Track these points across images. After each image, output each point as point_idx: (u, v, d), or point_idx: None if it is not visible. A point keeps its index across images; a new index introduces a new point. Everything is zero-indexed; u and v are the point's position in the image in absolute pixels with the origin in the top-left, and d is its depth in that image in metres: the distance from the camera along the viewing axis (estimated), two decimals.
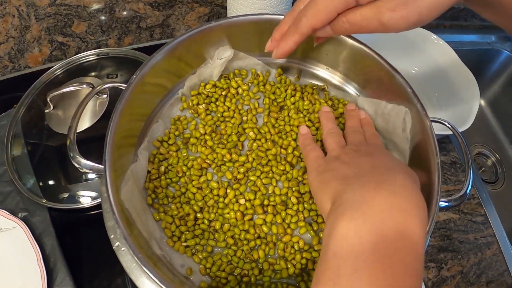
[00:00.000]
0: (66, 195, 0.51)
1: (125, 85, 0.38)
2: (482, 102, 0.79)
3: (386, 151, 0.37)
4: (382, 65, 0.42)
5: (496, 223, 0.56)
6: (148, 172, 0.41)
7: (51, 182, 0.53)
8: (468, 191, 0.39)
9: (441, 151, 0.59)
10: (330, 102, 0.46)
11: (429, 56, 0.59)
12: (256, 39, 0.46)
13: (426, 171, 0.37)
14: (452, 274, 0.51)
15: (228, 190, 0.40)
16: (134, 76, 0.39)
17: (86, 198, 0.50)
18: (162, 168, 0.41)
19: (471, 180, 0.39)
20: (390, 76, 0.41)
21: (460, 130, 0.51)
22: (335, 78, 0.48)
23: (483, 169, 0.74)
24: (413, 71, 0.62)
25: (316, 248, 0.38)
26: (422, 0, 0.28)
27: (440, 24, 0.75)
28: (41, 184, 0.52)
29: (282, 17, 0.42)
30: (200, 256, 0.38)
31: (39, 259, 0.46)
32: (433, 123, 0.41)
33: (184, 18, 0.61)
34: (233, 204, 0.39)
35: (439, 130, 0.46)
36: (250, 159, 0.42)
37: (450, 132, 0.47)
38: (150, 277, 0.32)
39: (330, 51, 0.45)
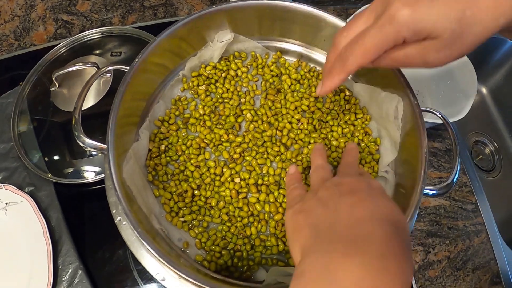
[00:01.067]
0: (70, 170, 0.54)
1: (128, 68, 0.40)
2: (484, 91, 0.80)
3: (374, 186, 0.31)
4: None
5: (486, 212, 0.59)
6: (149, 150, 0.44)
7: (56, 158, 0.56)
8: (454, 180, 0.41)
9: (436, 138, 0.60)
10: None
11: None
12: (256, 23, 0.48)
13: (413, 159, 0.40)
14: (439, 259, 0.54)
15: (225, 169, 0.43)
16: (136, 60, 0.41)
17: (90, 173, 0.53)
18: (163, 147, 0.44)
19: (458, 169, 0.41)
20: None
21: (455, 119, 0.53)
22: None
23: (480, 156, 0.76)
24: None
25: None
26: (465, 39, 0.27)
27: None
28: (46, 159, 0.55)
29: (283, 2, 0.44)
30: (196, 231, 0.41)
31: (45, 232, 0.50)
32: (425, 112, 0.43)
33: None
34: (229, 182, 0.42)
35: (432, 118, 0.48)
36: (247, 139, 0.44)
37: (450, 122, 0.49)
38: (149, 250, 0.35)
39: (328, 38, 0.47)
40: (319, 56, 0.50)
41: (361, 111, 0.47)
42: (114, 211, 0.40)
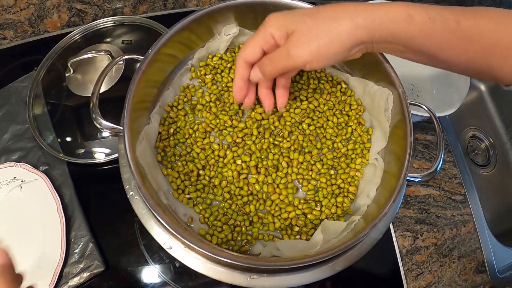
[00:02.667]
0: (82, 150, 0.61)
1: (142, 57, 0.47)
2: (482, 88, 0.86)
3: None
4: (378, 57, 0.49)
5: (474, 204, 0.65)
6: (159, 133, 0.50)
7: (69, 139, 0.62)
8: (438, 168, 0.46)
9: (429, 131, 0.66)
10: (325, 79, 0.54)
11: None
12: (261, 18, 0.53)
13: (400, 148, 0.46)
14: (426, 245, 0.61)
15: (228, 152, 0.49)
16: (150, 50, 0.47)
17: (100, 154, 0.60)
18: (171, 130, 0.50)
19: (441, 159, 0.47)
20: (378, 61, 0.49)
21: (447, 113, 0.59)
22: None
23: (476, 151, 0.82)
24: None
25: (299, 207, 0.47)
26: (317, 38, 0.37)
27: None
28: (59, 140, 0.62)
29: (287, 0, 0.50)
30: (200, 207, 0.47)
31: (59, 207, 0.56)
32: (414, 106, 0.49)
33: None
34: (231, 164, 0.48)
35: (425, 112, 0.54)
36: (248, 125, 0.51)
37: (436, 115, 0.56)
38: (159, 220, 0.41)
39: None
40: None
41: (355, 103, 0.53)
42: (127, 187, 0.46)
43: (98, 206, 0.58)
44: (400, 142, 0.46)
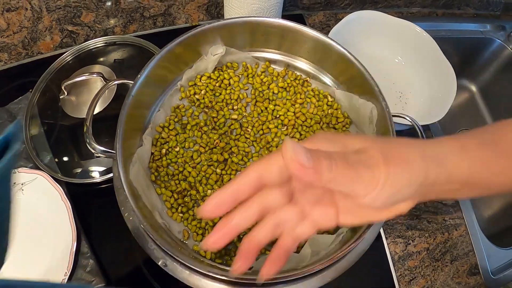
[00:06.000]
0: (79, 170, 0.64)
1: (132, 82, 0.50)
2: (473, 89, 0.88)
3: None
4: (356, 65, 0.52)
5: (466, 207, 0.67)
6: (152, 153, 0.53)
7: (65, 159, 0.65)
8: None
9: (416, 135, 0.69)
10: (312, 93, 0.56)
11: (413, 47, 0.68)
12: (246, 37, 0.57)
13: None
14: (418, 250, 0.63)
15: (218, 170, 0.52)
16: (139, 76, 0.50)
17: (96, 173, 0.63)
18: (163, 150, 0.53)
19: None
20: (361, 74, 0.51)
21: (434, 120, 0.61)
22: (316, 72, 0.58)
23: None
24: (397, 60, 0.71)
25: None
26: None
27: (432, 12, 0.83)
28: (56, 160, 0.65)
29: (268, 19, 0.53)
30: (194, 224, 0.50)
31: (63, 196, 0.58)
32: (397, 117, 0.52)
33: (184, 8, 0.71)
34: (223, 181, 0.51)
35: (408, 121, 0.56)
36: (239, 144, 0.53)
37: (423, 123, 0.58)
38: (152, 240, 0.44)
39: (310, 49, 0.55)
40: (304, 65, 0.58)
41: (342, 116, 0.55)
42: (123, 208, 0.49)
43: (96, 223, 0.61)
44: None
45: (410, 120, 0.52)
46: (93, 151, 0.50)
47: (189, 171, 0.52)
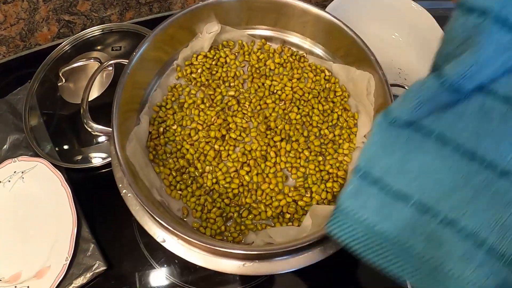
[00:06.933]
0: (80, 157, 0.64)
1: (127, 61, 0.50)
2: None
3: None
4: (351, 36, 0.51)
5: None
6: (149, 133, 0.53)
7: (66, 147, 0.65)
8: None
9: None
10: (309, 68, 0.56)
11: (409, 22, 0.68)
12: (241, 14, 0.57)
13: None
14: None
15: (216, 147, 0.52)
16: (134, 54, 0.50)
17: (97, 159, 0.63)
18: (161, 129, 0.53)
19: None
20: (358, 46, 0.51)
21: None
22: (313, 47, 0.58)
23: None
24: (393, 36, 0.71)
25: (290, 195, 0.50)
26: None
27: None
28: (57, 149, 0.65)
29: None
30: (193, 201, 0.50)
31: (63, 181, 0.59)
32: (395, 87, 0.51)
33: None
34: (221, 157, 0.51)
35: None
36: (236, 120, 0.53)
37: None
38: (150, 215, 0.44)
39: (306, 24, 0.55)
40: (300, 41, 0.58)
41: (340, 89, 0.55)
42: (120, 185, 0.49)
43: (97, 208, 0.61)
44: None
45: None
46: (90, 130, 0.50)
47: (187, 148, 0.52)
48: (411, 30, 0.69)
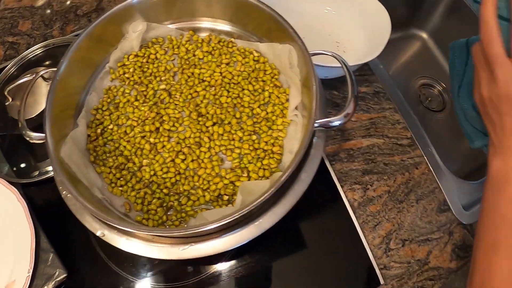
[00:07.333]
0: (37, 172, 0.65)
1: (55, 69, 0.51)
2: (424, 35, 0.87)
3: None
4: (265, 11, 0.52)
5: (424, 144, 0.66)
6: (89, 136, 0.54)
7: (23, 165, 0.67)
8: (349, 111, 0.48)
9: (363, 84, 0.68)
10: (237, 52, 0.57)
11: None
12: (166, 10, 0.58)
13: (310, 98, 0.48)
14: (378, 194, 0.62)
15: (152, 140, 0.52)
16: (62, 61, 0.52)
17: (51, 172, 0.64)
18: (99, 131, 0.54)
19: (352, 102, 0.48)
20: (274, 20, 0.52)
21: (372, 58, 0.61)
22: (240, 32, 0.59)
23: (429, 99, 0.83)
24: (326, 11, 0.72)
25: (227, 177, 0.50)
26: None
27: None
28: (14, 169, 0.67)
29: None
30: (133, 195, 0.50)
31: (18, 196, 0.59)
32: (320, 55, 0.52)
33: (115, 0, 0.73)
34: (157, 150, 0.52)
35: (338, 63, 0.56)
36: (169, 112, 0.54)
37: (361, 62, 0.58)
38: (86, 209, 0.45)
39: (230, 10, 0.57)
40: (228, 27, 0.59)
41: (269, 68, 0.56)
42: (60, 187, 0.50)
43: (53, 217, 0.61)
44: (309, 93, 0.49)
45: (331, 54, 0.51)
46: (28, 139, 0.51)
47: (124, 145, 0.53)
48: (341, 1, 0.69)
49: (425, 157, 0.65)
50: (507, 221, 0.40)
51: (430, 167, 0.65)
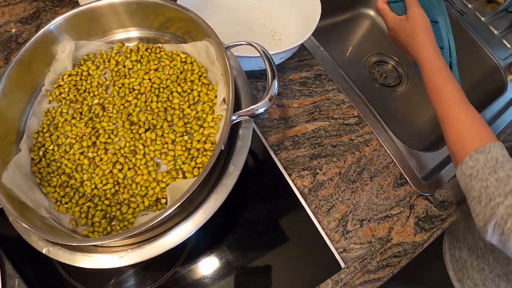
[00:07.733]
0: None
1: None
2: (372, 13, 0.86)
3: None
4: (180, 12, 0.53)
5: (372, 120, 0.65)
6: (32, 159, 0.56)
7: None
8: (274, 93, 0.48)
9: (303, 69, 0.68)
10: (165, 56, 0.58)
11: None
12: (91, 25, 0.59)
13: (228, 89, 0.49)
14: (329, 177, 0.62)
15: (90, 154, 0.54)
16: None
17: None
18: (41, 153, 0.56)
19: (273, 86, 0.49)
20: (190, 19, 0.53)
21: (304, 39, 0.61)
22: (168, 36, 0.60)
23: (384, 75, 0.82)
24: (255, 2, 0.72)
25: (164, 181, 0.51)
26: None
27: None
28: None
29: (98, 3, 0.55)
30: (78, 210, 0.52)
31: None
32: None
33: None
34: (95, 163, 0.53)
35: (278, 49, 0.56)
36: (103, 125, 0.55)
37: (295, 44, 0.58)
38: (30, 230, 0.46)
39: (154, 16, 0.58)
40: (155, 34, 0.60)
41: (197, 67, 0.56)
42: (7, 212, 0.52)
43: (15, 244, 0.63)
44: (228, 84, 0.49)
45: (248, 43, 0.52)
46: None
47: (65, 163, 0.54)
48: None
49: (375, 133, 0.65)
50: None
51: (382, 143, 0.65)
